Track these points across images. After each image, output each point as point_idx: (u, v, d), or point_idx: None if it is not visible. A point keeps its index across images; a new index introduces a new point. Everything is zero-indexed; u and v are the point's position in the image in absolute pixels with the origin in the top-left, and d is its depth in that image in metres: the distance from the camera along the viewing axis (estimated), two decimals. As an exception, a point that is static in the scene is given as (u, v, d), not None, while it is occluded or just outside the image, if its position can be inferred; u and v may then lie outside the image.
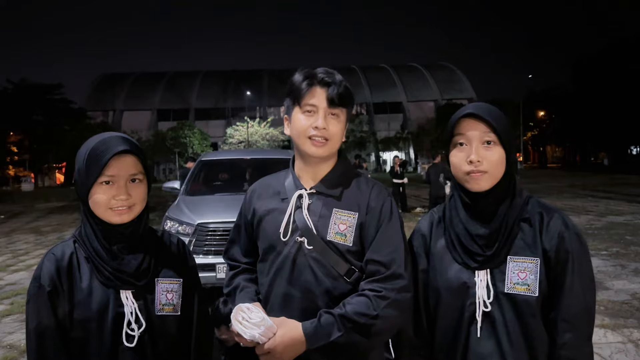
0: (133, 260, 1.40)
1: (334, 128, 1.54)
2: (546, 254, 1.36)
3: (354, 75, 72.52)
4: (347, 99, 1.56)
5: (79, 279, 1.36)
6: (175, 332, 1.46)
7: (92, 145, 1.36)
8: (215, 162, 8.00)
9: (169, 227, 5.89)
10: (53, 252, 1.39)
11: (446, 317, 1.46)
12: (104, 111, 63.77)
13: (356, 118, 58.22)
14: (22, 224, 16.31)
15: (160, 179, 48.96)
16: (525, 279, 1.35)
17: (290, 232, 1.56)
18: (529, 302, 1.35)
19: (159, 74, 72.78)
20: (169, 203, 7.61)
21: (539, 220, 1.39)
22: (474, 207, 1.43)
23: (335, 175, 1.60)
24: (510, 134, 1.39)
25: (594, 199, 17.30)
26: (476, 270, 1.40)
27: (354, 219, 1.54)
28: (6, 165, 49.93)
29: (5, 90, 50.77)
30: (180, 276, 1.50)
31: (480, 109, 1.42)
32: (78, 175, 1.37)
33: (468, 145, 1.41)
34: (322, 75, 1.55)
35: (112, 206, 1.36)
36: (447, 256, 1.47)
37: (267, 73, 70.62)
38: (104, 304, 1.36)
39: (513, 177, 1.42)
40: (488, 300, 1.37)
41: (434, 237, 1.53)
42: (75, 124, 48.86)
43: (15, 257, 9.89)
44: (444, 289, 1.46)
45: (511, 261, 1.37)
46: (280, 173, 1.73)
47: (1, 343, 4.95)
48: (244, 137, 51.93)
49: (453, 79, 72.09)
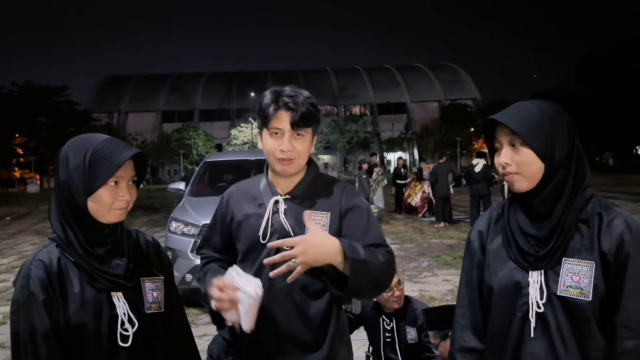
0: (120, 262, 1.41)
1: (299, 147, 1.65)
2: (604, 256, 1.31)
3: (358, 76, 72.68)
4: (310, 119, 1.65)
5: (70, 284, 1.35)
6: (162, 328, 1.50)
7: (93, 147, 1.35)
8: (220, 163, 8.02)
9: (175, 227, 5.92)
10: (40, 259, 1.35)
11: (499, 315, 1.45)
12: (109, 113, 64.11)
13: (360, 119, 58.24)
14: (27, 225, 16.39)
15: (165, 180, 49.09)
16: (579, 282, 1.32)
17: (269, 235, 1.67)
18: (581, 307, 1.31)
19: (163, 75, 73.16)
20: (173, 204, 7.63)
21: (598, 221, 1.34)
22: (527, 206, 1.41)
23: (306, 182, 1.74)
24: (545, 133, 1.34)
25: (599, 199, 17.20)
26: (530, 270, 1.38)
27: (326, 218, 1.68)
28: (12, 167, 50.23)
29: (10, 93, 51.06)
30: (160, 274, 1.54)
31: (506, 112, 1.40)
32: (76, 177, 1.34)
33: (501, 149, 1.41)
34: (286, 99, 1.63)
35: (115, 206, 1.37)
36: (503, 254, 1.45)
37: (271, 74, 70.75)
38: (98, 308, 1.36)
39: (575, 176, 1.38)
40: (541, 302, 1.35)
41: (491, 234, 1.51)
42: (80, 126, 48.97)
43: (21, 259, 9.92)
44: (498, 287, 1.44)
45: (566, 263, 1.34)
46: (254, 179, 1.85)
47: (9, 344, 4.99)
48: (248, 138, 52.09)
49: (457, 79, 72.09)
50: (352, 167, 54.44)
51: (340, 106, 68.01)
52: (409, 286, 6.58)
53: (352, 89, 69.75)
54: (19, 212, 21.57)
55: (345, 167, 60.51)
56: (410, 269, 7.70)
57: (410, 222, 13.32)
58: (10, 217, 19.25)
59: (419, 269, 7.70)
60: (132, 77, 71.49)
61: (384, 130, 63.66)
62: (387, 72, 74.26)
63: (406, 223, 13.02)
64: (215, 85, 68.86)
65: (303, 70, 75.59)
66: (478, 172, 11.38)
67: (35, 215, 20.02)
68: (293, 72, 72.85)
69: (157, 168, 58.83)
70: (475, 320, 1.53)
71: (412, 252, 9.11)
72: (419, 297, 5.94)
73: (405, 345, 2.94)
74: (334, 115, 65.36)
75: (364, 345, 3.31)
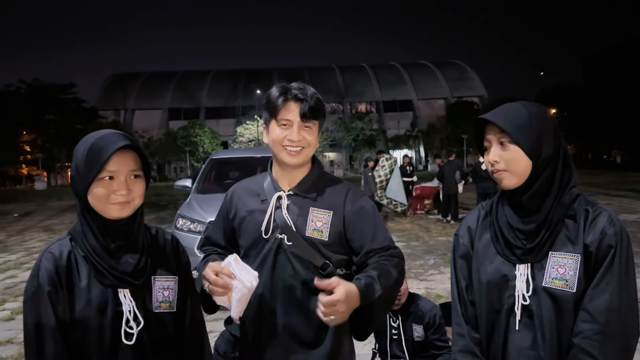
0: (130, 259, 1.41)
1: (308, 137, 1.70)
2: (587, 248, 1.36)
3: (364, 74, 72.52)
4: (318, 112, 1.70)
5: (77, 278, 1.36)
6: (171, 329, 1.48)
7: (90, 142, 1.37)
8: (226, 161, 8.06)
9: (181, 224, 5.95)
10: (51, 251, 1.38)
11: (486, 309, 1.49)
12: (116, 110, 64.33)
13: (366, 116, 58.13)
14: (35, 222, 16.50)
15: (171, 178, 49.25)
16: (564, 274, 1.36)
17: (271, 230, 1.71)
18: (566, 298, 1.36)
19: (169, 73, 73.29)
20: (180, 201, 7.66)
21: (584, 217, 1.39)
22: (516, 203, 1.46)
23: (310, 179, 1.76)
24: (533, 132, 1.40)
25: (607, 197, 17.15)
26: (517, 264, 1.43)
27: (328, 216, 1.71)
28: (19, 164, 50.51)
29: (18, 90, 51.37)
30: (175, 273, 1.52)
31: (496, 112, 1.46)
32: (76, 172, 1.37)
33: (490, 147, 1.47)
34: (295, 91, 1.67)
35: (112, 201, 1.37)
36: (491, 249, 1.50)
37: (277, 71, 70.73)
38: (103, 303, 1.36)
39: (562, 173, 1.43)
40: (527, 294, 1.40)
41: (480, 230, 1.57)
42: (87, 123, 49.21)
43: (29, 255, 10.00)
44: (485, 280, 1.49)
45: (552, 256, 1.39)
46: (258, 176, 1.89)
47: (16, 339, 5.03)
48: (254, 135, 52.14)
49: (463, 77, 71.76)
50: (357, 164, 54.33)
51: (346, 104, 67.84)
52: (415, 284, 6.58)
53: (358, 86, 69.60)
54: (26, 208, 21.71)
55: (351, 164, 60.43)
56: (417, 266, 7.70)
57: (416, 219, 13.30)
58: (18, 213, 19.37)
59: (425, 266, 7.70)
60: (139, 75, 71.65)
61: (389, 128, 63.41)
62: (393, 69, 74.03)
63: (412, 221, 13.01)
64: (221, 82, 68.91)
65: (309, 67, 75.51)
66: (485, 169, 11.34)
67: (42, 212, 20.15)
68: (299, 69, 72.76)
69: (164, 165, 58.99)
70: (469, 317, 1.56)
71: (418, 250, 9.11)
72: (425, 295, 5.93)
73: (412, 342, 2.94)
74: (340, 113, 65.26)
75: (369, 342, 3.31)
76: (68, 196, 28.26)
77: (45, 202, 25.28)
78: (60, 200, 26.39)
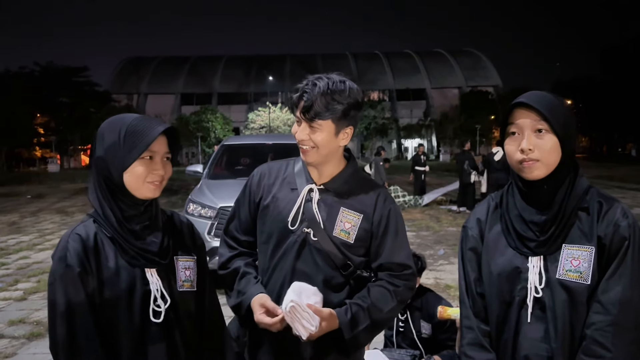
0: (155, 239, 1.45)
1: (316, 137, 1.62)
2: (600, 241, 1.35)
3: (378, 62, 71.97)
4: (322, 113, 1.59)
5: (105, 259, 1.39)
6: (193, 307, 1.53)
7: (128, 123, 1.39)
8: (238, 147, 8.06)
9: (192, 209, 5.97)
10: (77, 232, 1.39)
11: (497, 301, 1.48)
12: (129, 94, 64.53)
13: (378, 104, 57.76)
14: (48, 204, 16.70)
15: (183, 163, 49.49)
16: (578, 266, 1.35)
17: (299, 222, 1.67)
18: (580, 290, 1.34)
19: (182, 58, 73.26)
20: (191, 187, 7.69)
21: (598, 209, 1.38)
22: (530, 195, 1.43)
23: (344, 176, 1.73)
24: (566, 122, 1.37)
25: (621, 191, 16.95)
26: (530, 256, 1.41)
27: (358, 219, 1.68)
28: (33, 146, 51.02)
29: (32, 73, 51.76)
30: (193, 254, 1.57)
31: (531, 97, 1.40)
32: (112, 152, 1.38)
33: (520, 134, 1.40)
34: (306, 88, 1.61)
35: (149, 179, 1.40)
36: (502, 241, 1.48)
37: (289, 58, 70.46)
38: (132, 283, 1.39)
39: (572, 167, 1.41)
40: (540, 286, 1.38)
41: (490, 222, 1.54)
42: (100, 107, 49.56)
43: (42, 237, 10.14)
44: (497, 273, 1.47)
45: (565, 249, 1.37)
46: (287, 161, 1.83)
47: (29, 319, 5.10)
48: (265, 122, 52.08)
49: (478, 66, 70.93)
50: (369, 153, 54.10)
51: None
52: (425, 274, 6.54)
53: (371, 74, 69.04)
54: (39, 191, 21.95)
55: (362, 153, 60.24)
56: (426, 256, 7.65)
57: (427, 209, 13.25)
58: (31, 195, 19.60)
59: (435, 256, 7.68)
60: (152, 59, 71.72)
61: (402, 117, 63.05)
62: (407, 57, 73.38)
63: (423, 211, 12.96)
64: (234, 68, 68.74)
65: (322, 54, 75.00)
66: (498, 160, 11.25)
67: (55, 194, 20.37)
68: (312, 56, 72.33)
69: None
70: (477, 309, 1.55)
71: (428, 239, 9.09)
72: (435, 285, 5.93)
73: (419, 338, 2.91)
74: (352, 101, 64.78)
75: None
76: (81, 179, 28.55)
77: (58, 185, 25.54)
78: (73, 182, 26.66)
